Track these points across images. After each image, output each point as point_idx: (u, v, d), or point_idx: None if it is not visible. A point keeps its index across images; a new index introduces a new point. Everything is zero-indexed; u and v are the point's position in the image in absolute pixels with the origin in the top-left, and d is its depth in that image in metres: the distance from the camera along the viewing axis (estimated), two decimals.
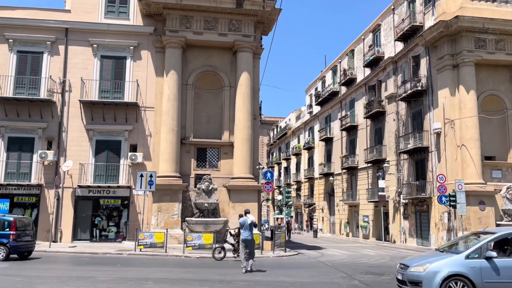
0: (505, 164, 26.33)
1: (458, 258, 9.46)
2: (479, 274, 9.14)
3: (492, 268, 9.18)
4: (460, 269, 9.22)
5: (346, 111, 41.79)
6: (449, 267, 9.28)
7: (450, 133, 25.95)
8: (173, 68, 23.65)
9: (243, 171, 23.28)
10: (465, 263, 9.30)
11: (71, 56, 24.25)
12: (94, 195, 23.40)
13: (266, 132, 74.91)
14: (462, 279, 9.13)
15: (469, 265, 9.26)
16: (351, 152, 40.34)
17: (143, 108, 24.25)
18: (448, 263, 9.40)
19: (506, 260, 9.45)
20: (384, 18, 35.34)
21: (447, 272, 9.18)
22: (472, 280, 9.09)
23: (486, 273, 9.16)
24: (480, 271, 9.17)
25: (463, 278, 9.13)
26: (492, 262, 9.22)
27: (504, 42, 26.25)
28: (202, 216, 22.38)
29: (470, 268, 9.21)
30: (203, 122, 24.49)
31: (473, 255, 9.41)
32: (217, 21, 24.28)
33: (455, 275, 9.16)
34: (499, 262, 9.26)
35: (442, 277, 9.13)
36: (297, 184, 57.12)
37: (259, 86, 25.75)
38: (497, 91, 26.95)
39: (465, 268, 9.22)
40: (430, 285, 9.18)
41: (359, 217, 38.29)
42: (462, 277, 9.14)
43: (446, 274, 9.15)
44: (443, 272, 9.19)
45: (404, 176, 31.04)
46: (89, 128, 23.77)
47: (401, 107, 31.62)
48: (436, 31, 26.31)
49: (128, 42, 24.54)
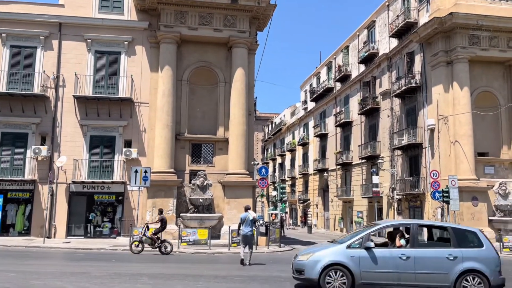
0: (498, 160, 26.56)
1: (340, 248, 9.68)
2: (358, 264, 9.34)
3: (371, 257, 9.37)
4: (340, 258, 9.43)
5: (340, 107, 41.89)
6: (329, 257, 9.50)
7: (443, 129, 26.12)
8: (167, 64, 23.57)
9: (238, 167, 23.30)
10: (346, 252, 9.50)
11: (65, 51, 24.08)
12: (88, 190, 23.33)
13: (261, 128, 74.94)
14: (340, 268, 9.33)
15: (349, 254, 9.46)
16: (345, 148, 40.48)
17: (137, 104, 24.17)
18: (330, 253, 9.64)
19: (384, 250, 9.69)
20: (379, 15, 35.40)
21: (327, 261, 9.40)
22: (351, 269, 9.28)
23: (365, 262, 9.35)
24: (359, 260, 9.37)
25: (341, 267, 9.33)
26: (371, 252, 9.43)
27: (497, 39, 26.40)
28: (197, 212, 22.41)
29: (349, 257, 9.41)
30: (198, 118, 24.46)
31: (354, 245, 9.60)
32: (212, 17, 24.20)
33: (334, 264, 9.36)
34: (378, 252, 9.47)
35: (322, 265, 9.35)
36: (292, 180, 57.26)
37: (254, 82, 25.74)
38: (491, 87, 27.13)
39: (345, 258, 9.42)
40: (311, 273, 9.41)
41: (353, 213, 38.48)
42: (341, 266, 9.34)
43: (326, 263, 9.38)
44: (324, 261, 9.42)
45: (398, 172, 31.22)
46: (83, 123, 23.67)
47: (395, 104, 31.76)
48: (430, 28, 26.41)
49: (122, 37, 24.40)
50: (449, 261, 9.31)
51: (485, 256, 9.44)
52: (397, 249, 9.74)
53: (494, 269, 9.34)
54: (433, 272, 9.29)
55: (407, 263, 9.30)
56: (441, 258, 9.35)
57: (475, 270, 9.25)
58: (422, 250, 9.55)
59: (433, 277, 9.28)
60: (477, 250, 9.54)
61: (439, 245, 10.09)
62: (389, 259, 9.42)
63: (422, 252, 9.47)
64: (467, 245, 9.67)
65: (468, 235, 9.89)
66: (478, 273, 9.24)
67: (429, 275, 9.27)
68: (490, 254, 9.49)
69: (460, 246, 9.54)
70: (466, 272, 9.24)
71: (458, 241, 9.63)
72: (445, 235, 10.40)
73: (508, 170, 26.51)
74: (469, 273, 9.24)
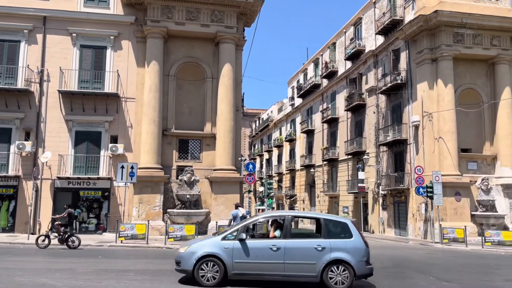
0: (480, 156, 27.10)
1: (215, 240, 9.91)
2: (231, 255, 9.53)
3: (243, 249, 9.56)
4: (213, 250, 9.62)
5: (327, 103, 42.15)
6: (204, 248, 9.69)
7: (428, 125, 26.52)
8: (154, 59, 23.41)
9: (225, 162, 23.33)
10: (220, 244, 9.69)
11: (50, 45, 23.73)
12: (73, 186, 23.10)
13: (248, 124, 74.95)
14: (214, 260, 9.52)
15: (223, 246, 9.65)
16: (332, 144, 40.79)
17: (124, 99, 23.97)
18: (205, 245, 9.85)
19: (257, 242, 9.92)
20: (365, 12, 35.64)
21: (201, 252, 9.58)
22: (223, 260, 9.49)
23: (237, 253, 9.55)
24: (232, 251, 9.56)
25: (215, 259, 9.52)
26: (244, 244, 9.61)
27: (481, 37, 26.87)
28: (184, 208, 22.40)
29: (223, 249, 9.60)
30: (185, 114, 24.38)
31: (229, 237, 9.79)
32: (200, 12, 24.09)
33: (208, 255, 9.55)
34: (251, 244, 9.67)
35: (197, 257, 9.53)
36: (279, 175, 57.49)
37: (241, 77, 25.73)
38: (474, 85, 27.62)
39: (219, 249, 9.61)
40: (186, 264, 9.61)
41: (339, 208, 38.86)
42: (214, 257, 9.53)
43: (201, 254, 9.56)
44: (198, 252, 9.61)
45: (383, 168, 31.61)
46: (68, 119, 23.39)
47: (381, 100, 32.10)
48: (415, 25, 26.73)
49: (108, 31, 24.14)
50: (317, 252, 9.50)
51: (353, 247, 9.63)
52: (269, 240, 9.97)
53: (361, 259, 9.57)
54: (301, 262, 9.50)
55: (277, 254, 9.49)
56: (310, 249, 9.55)
57: (341, 260, 9.46)
58: (292, 241, 9.72)
59: (301, 267, 9.50)
60: (346, 241, 9.74)
61: (311, 236, 10.29)
62: (261, 250, 9.61)
63: (292, 243, 9.65)
64: (337, 236, 9.88)
65: (339, 226, 10.10)
66: (345, 263, 9.45)
67: (297, 265, 9.49)
68: (357, 244, 9.68)
69: (330, 237, 9.75)
70: (333, 262, 9.46)
71: (328, 232, 9.86)
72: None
73: (490, 166, 27.08)
74: (336, 263, 9.46)
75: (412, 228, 27.70)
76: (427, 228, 25.62)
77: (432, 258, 17.01)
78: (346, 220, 10.19)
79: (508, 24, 26.77)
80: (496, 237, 21.08)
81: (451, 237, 22.44)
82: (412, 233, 27.57)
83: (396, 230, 29.96)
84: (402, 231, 29.11)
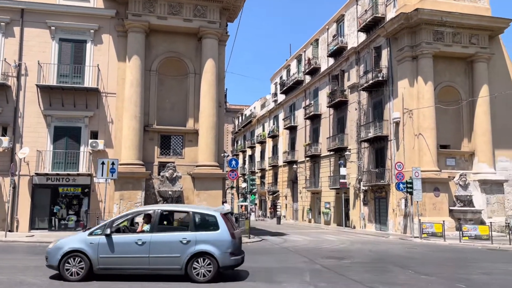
0: (458, 152, 27.66)
1: (82, 236, 10.03)
2: (96, 250, 9.65)
3: (108, 244, 9.71)
4: (79, 245, 9.73)
5: (310, 100, 42.35)
6: (70, 244, 9.81)
7: (408, 122, 26.92)
8: (136, 53, 23.10)
9: (208, 159, 23.23)
10: (86, 239, 9.82)
11: (27, 38, 23.15)
12: (52, 183, 22.67)
13: (231, 120, 74.79)
14: (79, 255, 9.64)
15: (88, 241, 9.76)
16: (314, 140, 41.06)
17: (104, 94, 23.59)
18: (71, 240, 9.97)
19: (124, 236, 10.04)
20: (348, 9, 35.88)
21: (67, 248, 9.70)
22: (89, 255, 9.62)
23: (103, 248, 9.69)
24: (98, 247, 9.67)
25: (80, 254, 9.64)
26: (109, 238, 9.73)
27: (460, 35, 27.35)
28: None
29: (89, 244, 9.72)
30: (167, 109, 24.15)
31: (96, 232, 9.93)
32: (182, 6, 23.85)
33: (74, 251, 9.64)
34: (117, 239, 9.81)
35: (62, 252, 9.65)
36: (262, 171, 57.60)
37: (224, 73, 25.60)
38: (453, 82, 28.13)
39: (84, 245, 9.73)
40: (52, 260, 9.73)
41: (321, 204, 39.20)
42: (80, 252, 9.65)
43: (66, 250, 9.66)
44: (64, 248, 9.72)
45: (364, 164, 31.99)
46: (47, 113, 22.90)
47: (362, 97, 32.41)
48: (397, 23, 27.04)
49: (88, 25, 23.68)
50: (183, 245, 9.63)
51: (218, 239, 9.76)
52: (136, 235, 10.03)
53: (225, 251, 9.71)
54: (166, 256, 9.63)
55: (143, 248, 9.61)
56: (175, 242, 9.68)
57: (206, 252, 9.62)
58: (159, 235, 9.80)
59: (166, 260, 9.63)
60: (212, 233, 9.88)
61: (178, 229, 10.34)
62: (127, 244, 9.71)
63: (158, 237, 9.75)
64: (205, 228, 10.03)
65: (208, 219, 10.22)
66: (209, 255, 9.62)
67: (162, 259, 9.62)
68: (223, 237, 9.79)
69: (197, 230, 9.89)
70: (198, 255, 9.61)
71: (196, 224, 10.01)
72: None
73: (468, 162, 27.67)
74: (200, 255, 9.62)
75: (392, 223, 28.15)
76: (407, 223, 26.07)
77: (411, 252, 17.32)
78: (215, 213, 10.21)
79: (486, 22, 27.32)
80: (473, 231, 21.57)
81: (430, 231, 22.88)
82: (392, 228, 28.01)
83: (376, 225, 30.39)
84: (382, 226, 29.55)
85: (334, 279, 10.65)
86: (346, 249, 17.93)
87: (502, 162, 28.10)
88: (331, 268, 12.31)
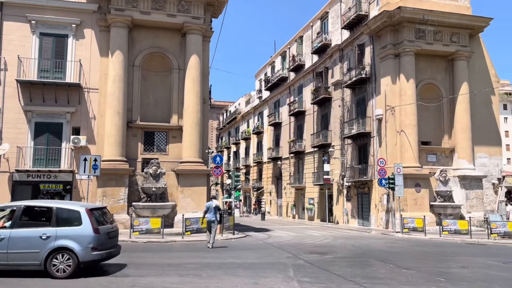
0: (439, 149, 28.19)
1: None
2: None
3: None
4: None
5: (294, 96, 42.53)
6: None
7: (390, 119, 27.30)
8: (118, 49, 22.83)
9: (192, 155, 23.15)
10: None
11: (7, 32, 22.63)
12: (33, 179, 22.28)
13: (216, 116, 74.57)
14: None
15: None
16: (298, 137, 41.28)
17: (86, 89, 23.26)
18: None
19: None
20: (332, 6, 36.08)
21: None
22: None
23: None
24: None
25: None
26: None
27: (441, 34, 27.81)
28: (149, 201, 22.11)
29: None
30: (151, 105, 23.96)
31: None
32: (166, 1, 23.64)
33: None
34: None
35: None
36: (246, 168, 57.66)
37: (208, 69, 25.50)
38: (434, 80, 28.61)
39: None
40: None
41: (305, 200, 39.50)
42: None
43: None
44: None
45: (347, 160, 32.33)
46: (27, 109, 22.47)
47: (346, 94, 32.71)
48: (380, 21, 27.34)
49: (70, 19, 23.27)
50: (42, 240, 9.67)
51: (79, 234, 9.80)
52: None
53: (86, 246, 9.76)
54: (25, 252, 9.64)
55: (1, 244, 9.59)
56: (35, 238, 9.70)
57: (65, 248, 9.67)
58: (18, 231, 9.79)
59: (25, 256, 9.64)
60: (73, 228, 9.90)
61: (40, 225, 10.24)
62: None
63: (17, 233, 9.75)
64: (68, 224, 10.01)
65: (72, 215, 10.16)
66: (69, 250, 9.67)
67: (21, 254, 9.63)
68: (85, 232, 9.84)
69: (59, 225, 9.89)
70: (57, 250, 9.65)
71: (58, 220, 9.98)
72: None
73: (448, 158, 28.23)
74: (59, 251, 9.66)
75: (375, 218, 28.56)
76: (389, 218, 26.48)
77: (393, 247, 17.62)
78: (79, 208, 10.20)
79: (467, 21, 27.84)
80: (453, 226, 22.03)
81: (411, 226, 23.30)
82: (375, 223, 28.43)
83: (359, 220, 30.78)
84: (365, 222, 29.95)
85: (317, 273, 10.79)
86: (329, 244, 18.14)
87: (481, 159, 28.76)
88: (314, 263, 12.46)
